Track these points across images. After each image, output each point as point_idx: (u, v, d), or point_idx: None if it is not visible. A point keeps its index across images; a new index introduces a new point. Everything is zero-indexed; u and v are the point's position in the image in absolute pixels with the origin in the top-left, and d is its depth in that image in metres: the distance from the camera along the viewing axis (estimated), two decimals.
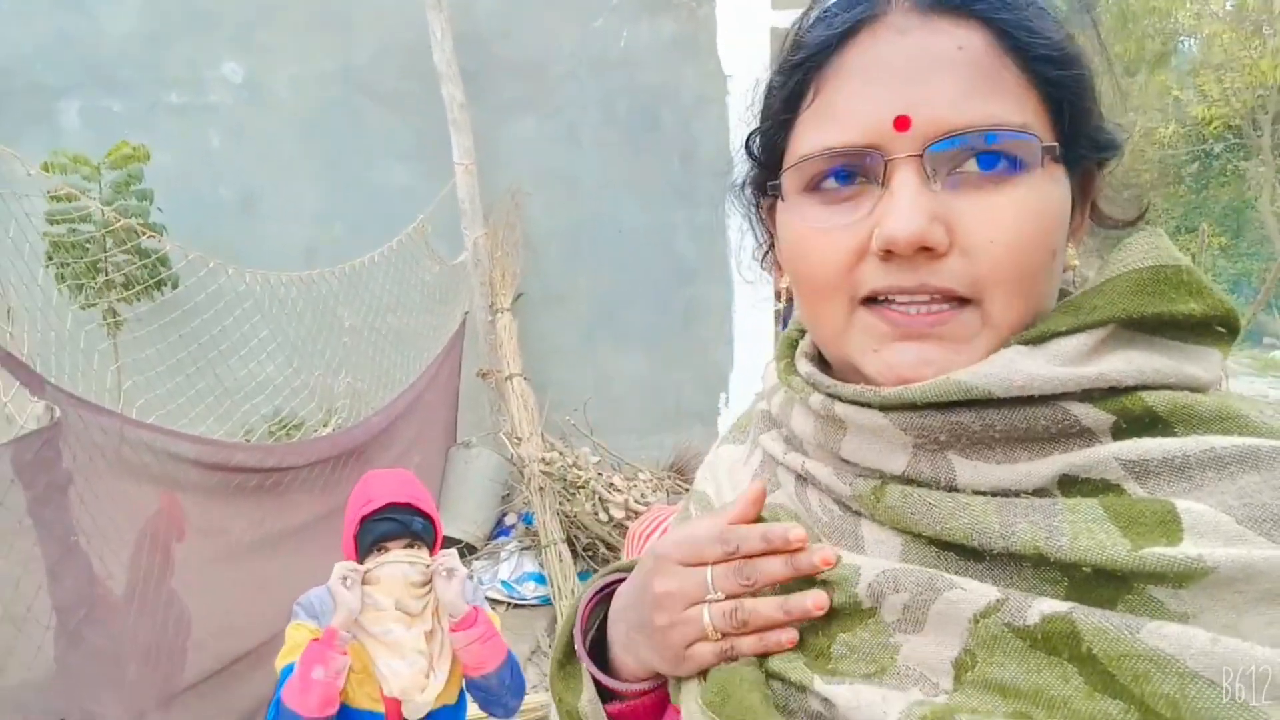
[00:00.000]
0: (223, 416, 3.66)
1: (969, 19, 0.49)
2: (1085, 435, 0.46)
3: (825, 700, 0.47)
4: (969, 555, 0.46)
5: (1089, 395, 0.46)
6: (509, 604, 4.20)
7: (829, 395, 0.52)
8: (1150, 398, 0.45)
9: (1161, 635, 0.38)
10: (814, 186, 0.52)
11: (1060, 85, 0.50)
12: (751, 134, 0.60)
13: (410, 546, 1.94)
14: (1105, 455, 0.44)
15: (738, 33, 5.04)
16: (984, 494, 0.46)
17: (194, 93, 5.22)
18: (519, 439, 4.54)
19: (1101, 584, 0.42)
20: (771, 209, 0.59)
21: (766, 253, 0.64)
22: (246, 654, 2.89)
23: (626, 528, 4.09)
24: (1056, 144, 0.49)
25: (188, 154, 5.14)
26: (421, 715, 1.91)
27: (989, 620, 0.43)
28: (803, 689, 0.49)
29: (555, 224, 5.24)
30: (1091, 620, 0.40)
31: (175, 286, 4.47)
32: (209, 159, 5.23)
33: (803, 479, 0.55)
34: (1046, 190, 0.49)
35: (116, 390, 3.51)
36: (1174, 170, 14.21)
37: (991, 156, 0.48)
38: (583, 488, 4.34)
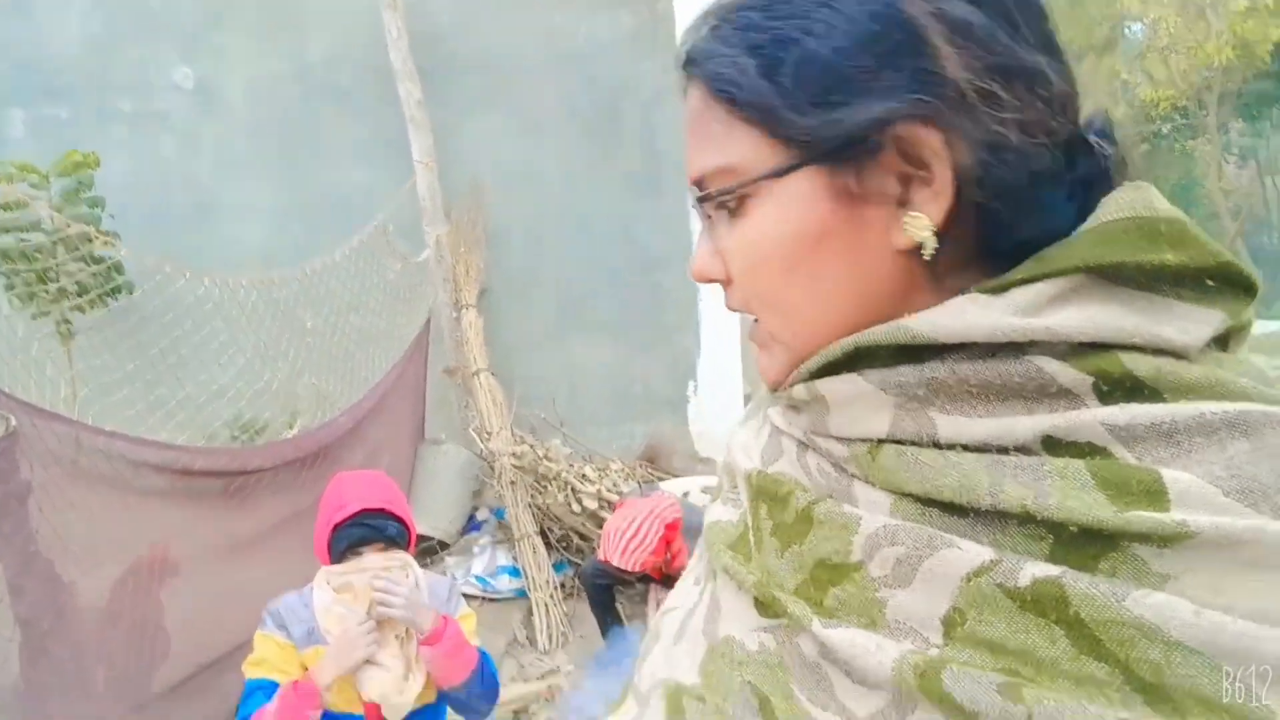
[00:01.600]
0: (183, 423, 3.60)
1: (694, 79, 0.54)
2: (1068, 396, 0.45)
3: (822, 645, 0.48)
4: (954, 511, 0.46)
5: (1055, 350, 0.45)
6: (483, 598, 4.19)
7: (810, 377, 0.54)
8: (1130, 361, 0.44)
9: (1146, 604, 0.39)
10: None
11: (759, 107, 0.50)
12: None
13: (384, 551, 1.93)
14: (1090, 419, 0.44)
15: None
16: (970, 450, 0.46)
17: (144, 99, 5.12)
18: (488, 434, 4.52)
19: (1087, 542, 0.42)
20: None
21: None
22: (216, 660, 2.85)
23: (599, 517, 4.10)
24: (775, 166, 0.50)
25: (139, 161, 5.05)
26: (402, 716, 1.89)
27: (981, 580, 0.43)
28: (800, 628, 0.50)
29: (518, 218, 5.22)
30: (1080, 586, 0.41)
31: (130, 293, 4.38)
32: (161, 165, 5.13)
33: (803, 445, 0.57)
34: (778, 209, 0.50)
35: (71, 399, 3.44)
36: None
37: (721, 197, 0.53)
38: (554, 480, 4.33)
